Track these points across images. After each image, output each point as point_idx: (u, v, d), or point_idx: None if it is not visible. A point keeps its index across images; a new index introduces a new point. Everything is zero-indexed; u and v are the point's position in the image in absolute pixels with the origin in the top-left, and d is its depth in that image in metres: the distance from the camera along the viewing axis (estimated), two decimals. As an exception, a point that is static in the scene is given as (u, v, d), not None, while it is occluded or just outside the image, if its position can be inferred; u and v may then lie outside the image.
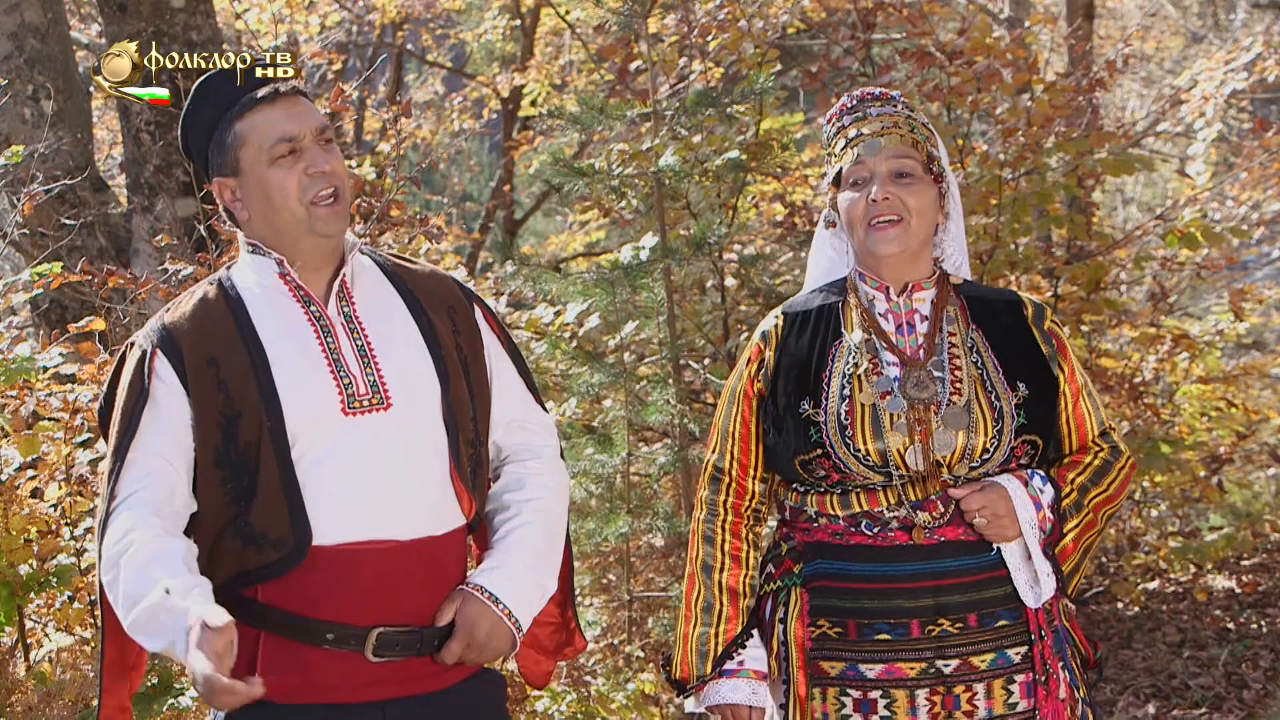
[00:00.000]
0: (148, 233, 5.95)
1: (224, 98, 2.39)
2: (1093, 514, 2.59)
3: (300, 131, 2.36)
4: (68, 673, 3.81)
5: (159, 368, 2.33)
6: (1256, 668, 5.65)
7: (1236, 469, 7.91)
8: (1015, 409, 2.51)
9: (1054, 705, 2.50)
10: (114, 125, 9.16)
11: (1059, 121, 5.99)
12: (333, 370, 2.35)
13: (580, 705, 4.27)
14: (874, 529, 2.52)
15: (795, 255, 6.29)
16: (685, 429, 4.83)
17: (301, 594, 2.31)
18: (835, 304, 2.65)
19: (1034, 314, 2.64)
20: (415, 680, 2.37)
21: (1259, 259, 10.42)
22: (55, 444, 4.07)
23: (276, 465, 2.29)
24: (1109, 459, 2.63)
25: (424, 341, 2.44)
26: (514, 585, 2.44)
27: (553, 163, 5.02)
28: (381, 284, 2.49)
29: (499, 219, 12.34)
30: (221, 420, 2.31)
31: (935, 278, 2.64)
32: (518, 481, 2.55)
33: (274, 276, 2.41)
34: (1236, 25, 13.30)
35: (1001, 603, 2.51)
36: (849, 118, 2.64)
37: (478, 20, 12.79)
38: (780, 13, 6.93)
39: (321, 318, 2.40)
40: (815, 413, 2.54)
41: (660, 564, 5.26)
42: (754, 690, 2.62)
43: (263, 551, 2.30)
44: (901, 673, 2.49)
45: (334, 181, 2.37)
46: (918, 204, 2.55)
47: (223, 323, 2.37)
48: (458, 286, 2.58)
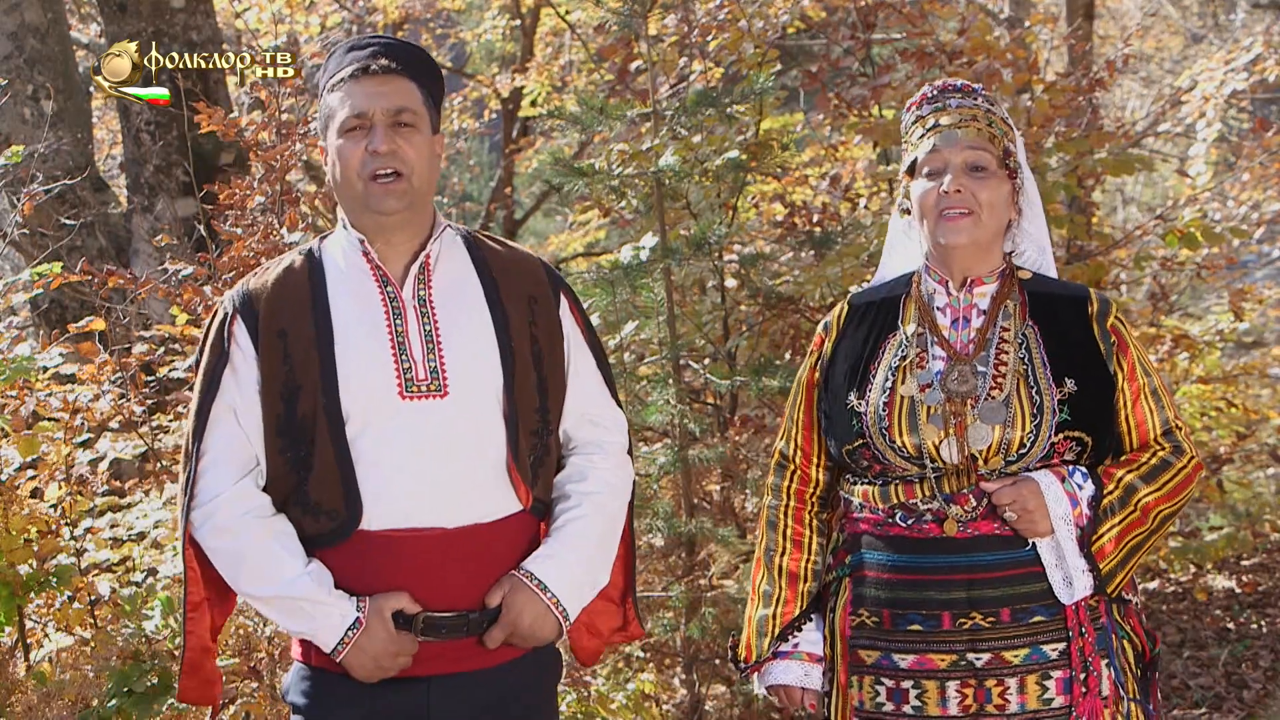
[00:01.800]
0: (148, 233, 5.95)
1: (330, 71, 2.51)
2: (1141, 513, 2.54)
3: (370, 109, 2.42)
4: (68, 673, 3.81)
5: (236, 331, 2.44)
6: (1256, 668, 5.65)
7: (1236, 469, 7.91)
8: (1058, 404, 2.50)
9: (1092, 703, 2.49)
10: (114, 125, 9.16)
11: (1059, 121, 5.99)
12: (395, 353, 2.41)
13: (580, 705, 4.27)
14: (909, 520, 2.54)
15: (795, 255, 6.28)
16: (685, 429, 4.83)
17: (353, 573, 2.40)
18: (898, 296, 2.68)
19: (1099, 310, 2.61)
20: (463, 658, 2.43)
21: (1259, 259, 10.42)
22: (55, 444, 4.07)
23: (331, 441, 2.38)
24: (1168, 458, 2.58)
25: (494, 331, 2.48)
26: (564, 575, 2.48)
27: (553, 163, 5.01)
28: (465, 268, 2.54)
29: (499, 219, 12.34)
30: (284, 391, 2.40)
31: (1000, 273, 2.63)
32: (581, 473, 2.58)
33: (358, 254, 2.48)
34: (1236, 25, 13.30)
35: (1038, 599, 2.50)
36: (929, 107, 2.64)
37: (478, 20, 12.79)
38: (780, 13, 6.93)
39: (395, 299, 2.45)
40: (859, 403, 2.57)
41: (660, 564, 5.25)
42: (806, 672, 2.66)
43: (318, 521, 2.40)
44: (933, 664, 2.51)
45: (393, 163, 2.42)
46: (990, 198, 2.55)
47: (299, 295, 2.45)
48: (546, 275, 2.61)
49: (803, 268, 6.02)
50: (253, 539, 2.39)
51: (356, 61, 2.46)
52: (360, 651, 2.37)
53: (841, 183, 7.01)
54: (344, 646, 2.37)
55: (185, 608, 2.48)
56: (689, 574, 4.95)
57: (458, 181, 15.53)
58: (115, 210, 6.21)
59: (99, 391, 4.27)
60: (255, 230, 4.30)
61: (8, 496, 3.96)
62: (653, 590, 5.12)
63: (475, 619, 2.43)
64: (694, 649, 4.82)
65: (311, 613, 2.37)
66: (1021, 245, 2.69)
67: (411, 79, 2.48)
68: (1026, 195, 2.65)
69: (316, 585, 2.37)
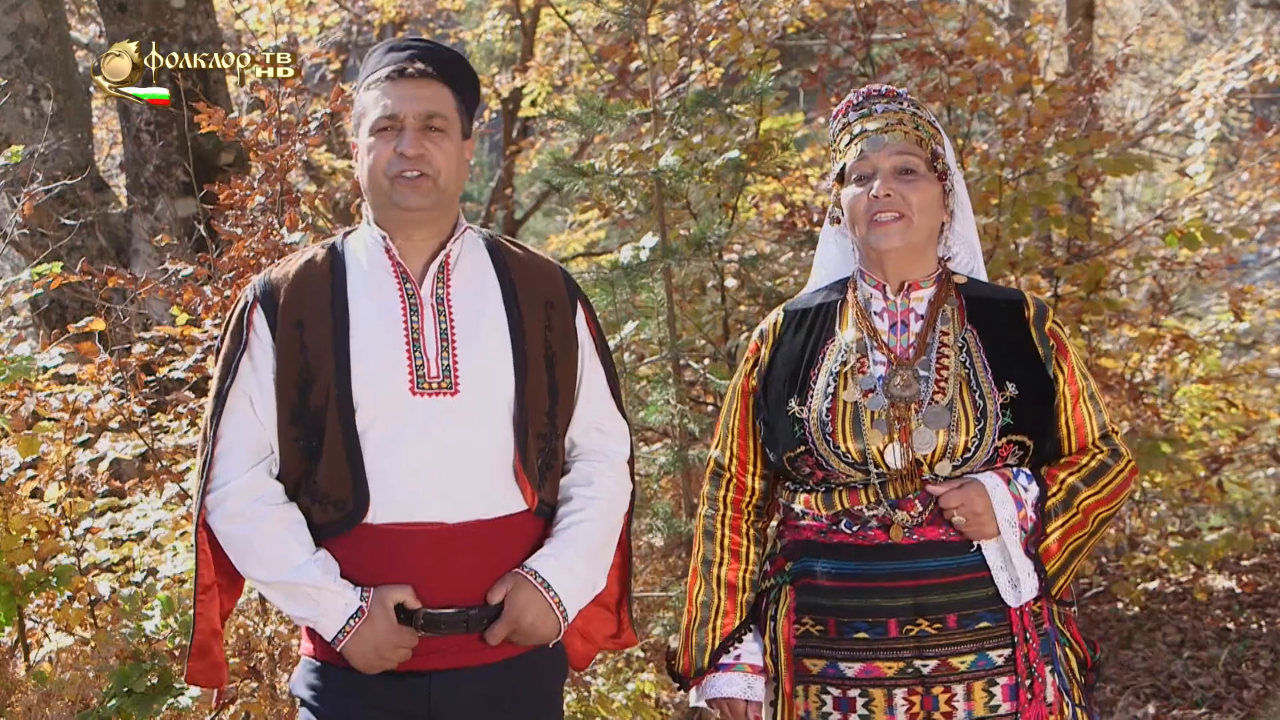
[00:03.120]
0: (148, 233, 5.95)
1: (367, 69, 2.55)
2: (1083, 515, 2.56)
3: (403, 111, 2.46)
4: (67, 673, 3.81)
5: (255, 320, 2.48)
6: (1256, 668, 5.65)
7: (1236, 469, 7.91)
8: (1000, 409, 2.50)
9: (1038, 709, 2.49)
10: (114, 125, 9.15)
11: (1059, 121, 5.99)
12: (409, 349, 2.45)
13: (580, 705, 4.27)
14: (854, 527, 2.53)
15: (795, 255, 6.28)
16: (685, 429, 4.83)
17: (356, 564, 2.43)
18: (834, 303, 2.66)
19: (1035, 314, 2.62)
20: (466, 653, 2.46)
21: (1259, 259, 10.41)
22: (55, 444, 4.07)
23: (341, 433, 2.41)
24: (1107, 461, 2.60)
25: (509, 333, 2.51)
26: (567, 575, 2.51)
27: (553, 163, 5.01)
28: (485, 270, 2.57)
29: (499, 219, 12.34)
30: (299, 381, 2.44)
31: (936, 276, 2.63)
32: (586, 478, 2.61)
33: (380, 250, 2.52)
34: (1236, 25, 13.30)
35: (983, 604, 2.50)
36: (854, 113, 2.64)
37: (478, 20, 12.79)
38: (780, 13, 6.93)
39: (414, 296, 2.49)
40: (800, 410, 2.56)
41: (660, 564, 5.26)
42: (749, 684, 2.64)
43: (326, 510, 2.44)
44: (879, 672, 2.50)
45: (420, 166, 2.46)
46: (920, 201, 2.55)
47: (319, 288, 2.49)
48: (564, 282, 2.64)
49: (803, 268, 6.02)
50: (263, 526, 2.43)
51: (394, 63, 2.50)
52: (361, 640, 2.40)
53: (841, 183, 6.99)
54: (345, 635, 2.41)
55: (196, 590, 2.51)
56: (689, 574, 4.95)
57: (458, 181, 15.51)
58: (115, 210, 6.21)
59: (99, 391, 4.27)
60: (255, 230, 4.30)
61: (8, 496, 3.96)
62: (652, 590, 5.12)
63: (476, 615, 2.45)
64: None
65: (316, 599, 2.41)
66: (955, 248, 2.69)
67: (446, 84, 2.52)
68: (956, 197, 2.66)
69: (322, 573, 2.41)
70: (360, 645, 2.41)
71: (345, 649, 2.42)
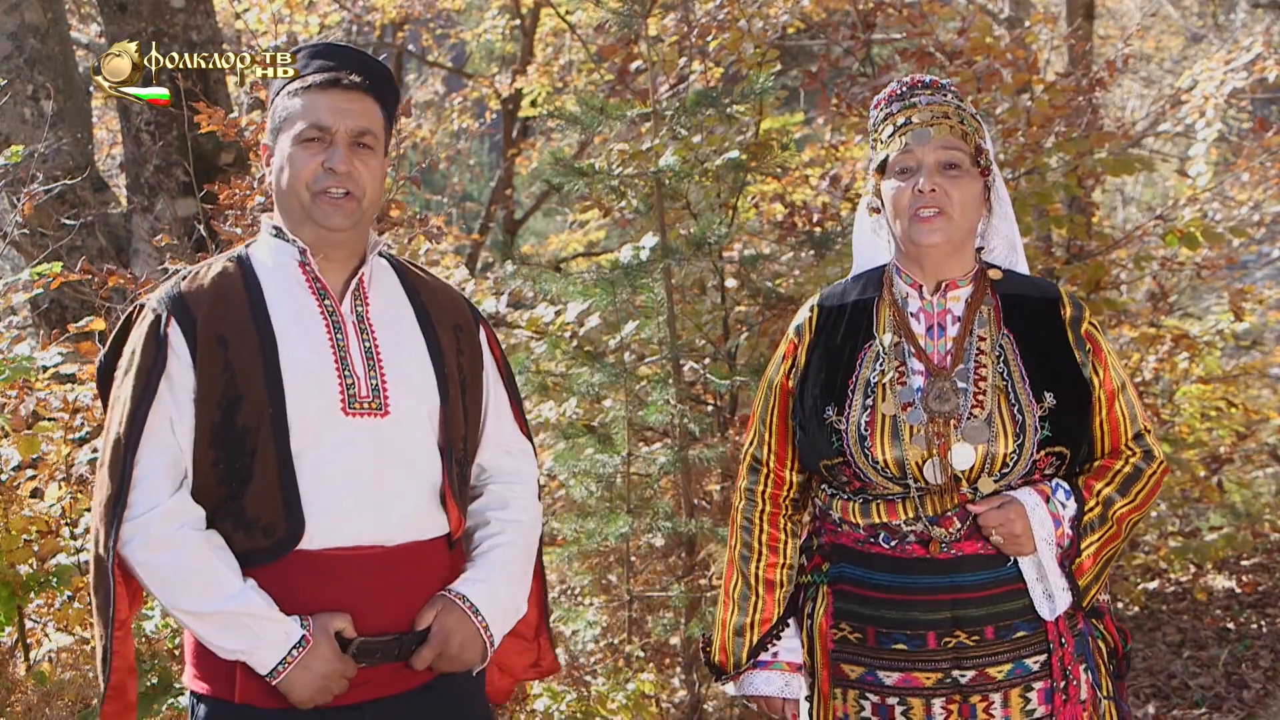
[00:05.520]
0: (148, 233, 5.95)
1: (301, 70, 2.43)
2: (1116, 526, 2.54)
3: (335, 125, 2.37)
4: (67, 673, 3.81)
5: (171, 336, 2.32)
6: (1256, 668, 5.65)
7: (1236, 469, 7.91)
8: (1039, 421, 2.47)
9: (1073, 710, 2.50)
10: (114, 125, 9.15)
11: (1059, 121, 5.98)
12: (339, 368, 2.36)
13: (580, 705, 4.27)
14: (892, 542, 2.52)
15: (795, 255, 6.28)
16: (685, 429, 4.83)
17: (283, 593, 2.30)
18: (870, 300, 2.62)
19: (1072, 316, 2.57)
20: (393, 681, 2.38)
21: (1259, 259, 10.41)
22: (55, 444, 4.07)
23: (275, 454, 2.29)
24: (1140, 465, 2.58)
25: (429, 355, 2.45)
26: (493, 600, 2.46)
27: (553, 163, 5.01)
28: (396, 291, 2.51)
29: (499, 219, 12.34)
30: (223, 401, 2.30)
31: (973, 274, 2.60)
32: (501, 501, 2.57)
33: (294, 264, 2.42)
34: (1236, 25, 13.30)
35: (1019, 614, 2.49)
36: (898, 104, 2.60)
37: (478, 20, 12.79)
38: (780, 13, 6.93)
39: (334, 314, 2.40)
40: (838, 420, 2.53)
41: (660, 564, 5.25)
42: (786, 682, 2.65)
43: (252, 537, 2.30)
44: (918, 682, 2.50)
45: (347, 184, 2.37)
46: (963, 197, 2.51)
47: (237, 303, 2.36)
48: (468, 307, 2.61)
49: (803, 268, 6.02)
50: (192, 553, 2.27)
51: (326, 70, 2.40)
52: (305, 671, 2.27)
53: (841, 183, 7.01)
54: (285, 666, 2.27)
55: (111, 627, 2.31)
56: (689, 574, 4.95)
57: (458, 181, 15.54)
58: (115, 210, 6.21)
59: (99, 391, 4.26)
60: (255, 230, 4.30)
61: (8, 496, 3.96)
62: (652, 590, 5.12)
63: (406, 640, 2.37)
64: (694, 649, 4.82)
65: (254, 629, 2.26)
66: (992, 242, 2.66)
67: (376, 99, 2.44)
68: (997, 192, 2.62)
69: (262, 600, 2.27)
70: (304, 676, 2.27)
71: (286, 681, 2.27)
